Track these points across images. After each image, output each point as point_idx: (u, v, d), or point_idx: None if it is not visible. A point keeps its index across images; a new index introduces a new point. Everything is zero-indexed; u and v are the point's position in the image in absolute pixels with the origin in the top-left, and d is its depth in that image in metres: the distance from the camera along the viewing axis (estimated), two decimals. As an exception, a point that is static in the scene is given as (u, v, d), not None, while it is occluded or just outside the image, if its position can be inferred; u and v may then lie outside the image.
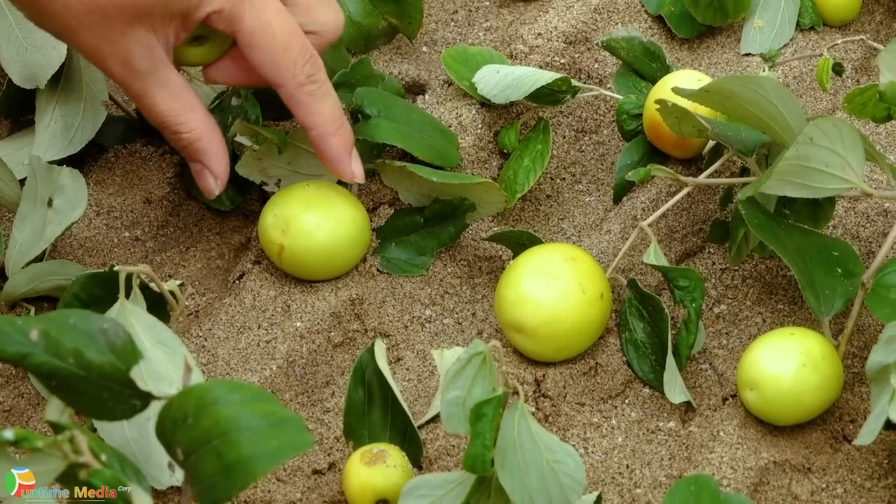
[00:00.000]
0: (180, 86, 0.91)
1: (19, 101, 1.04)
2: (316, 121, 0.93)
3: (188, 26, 0.89)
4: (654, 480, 0.89)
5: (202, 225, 1.06)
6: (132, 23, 0.87)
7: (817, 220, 0.96)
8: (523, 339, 0.93)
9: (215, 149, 0.93)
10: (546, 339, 0.92)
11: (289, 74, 0.91)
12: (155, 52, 0.89)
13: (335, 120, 0.94)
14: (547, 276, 0.92)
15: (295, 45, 0.91)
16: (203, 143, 0.92)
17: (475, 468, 0.76)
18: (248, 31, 0.89)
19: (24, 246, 0.94)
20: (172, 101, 0.91)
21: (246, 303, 0.98)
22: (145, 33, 0.87)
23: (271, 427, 0.65)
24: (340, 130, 0.94)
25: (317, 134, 0.94)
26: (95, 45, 0.88)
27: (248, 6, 0.89)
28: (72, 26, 0.87)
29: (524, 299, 0.92)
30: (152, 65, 0.89)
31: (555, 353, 0.93)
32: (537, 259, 0.94)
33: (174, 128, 0.91)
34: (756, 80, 0.88)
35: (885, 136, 1.08)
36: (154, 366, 0.85)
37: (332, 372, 0.96)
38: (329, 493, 0.89)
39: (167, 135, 0.93)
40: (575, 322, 0.92)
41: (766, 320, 0.97)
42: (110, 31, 0.87)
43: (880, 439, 0.88)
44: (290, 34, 0.91)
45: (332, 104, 0.94)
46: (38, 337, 0.69)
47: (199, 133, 0.92)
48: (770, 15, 1.16)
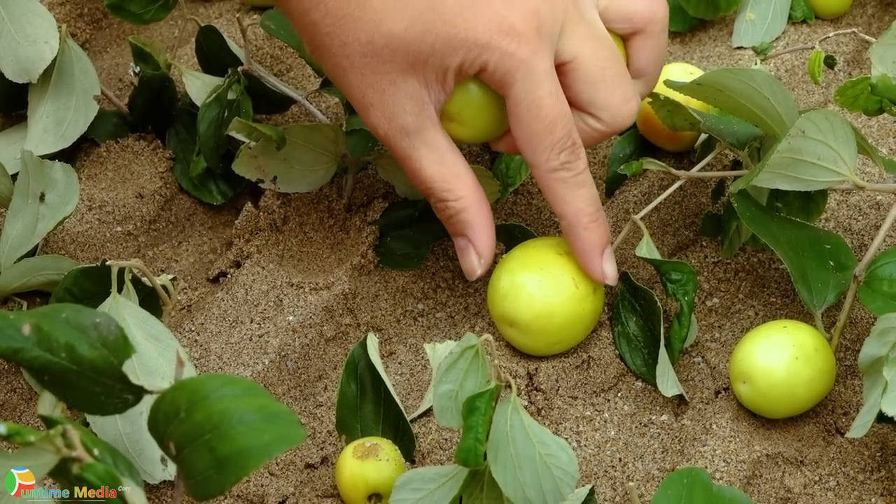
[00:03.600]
0: (448, 149, 0.87)
1: (11, 96, 1.04)
2: (566, 210, 0.88)
3: (460, 80, 0.85)
4: (647, 473, 0.89)
5: (194, 219, 1.06)
6: (405, 72, 0.83)
7: (809, 212, 0.96)
8: (516, 333, 0.93)
9: (483, 222, 0.89)
10: (539, 334, 0.92)
11: (542, 158, 0.86)
12: (425, 109, 0.85)
13: (588, 213, 0.89)
14: (540, 271, 0.92)
15: (558, 129, 0.86)
16: (470, 215, 0.88)
17: (468, 462, 0.76)
18: (515, 101, 0.85)
19: (16, 241, 0.94)
20: (440, 165, 0.87)
21: (238, 297, 0.97)
22: (417, 87, 0.84)
23: (264, 421, 0.64)
24: (594, 224, 0.89)
25: (567, 224, 0.89)
26: (363, 91, 0.85)
27: (521, 76, 0.84)
28: (343, 66, 0.84)
29: (517, 293, 0.92)
30: (420, 123, 0.85)
31: (547, 347, 0.93)
32: (530, 253, 0.93)
33: (440, 195, 0.87)
34: (748, 73, 0.88)
35: (877, 128, 1.08)
36: (146, 360, 0.85)
37: (324, 366, 0.96)
38: (322, 487, 0.89)
39: (432, 202, 0.89)
40: (568, 316, 0.92)
41: (758, 313, 0.97)
42: (381, 78, 0.84)
43: (873, 432, 0.88)
44: (556, 117, 0.85)
45: (587, 195, 0.88)
46: (31, 331, 0.69)
47: (466, 203, 0.88)
48: (762, 8, 1.16)
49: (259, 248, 1.00)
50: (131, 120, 1.08)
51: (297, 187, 1.01)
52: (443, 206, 0.88)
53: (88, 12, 1.19)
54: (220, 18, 1.20)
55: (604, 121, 0.88)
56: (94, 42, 1.19)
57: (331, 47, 0.84)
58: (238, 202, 1.06)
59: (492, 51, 0.83)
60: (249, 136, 0.98)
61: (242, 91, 1.03)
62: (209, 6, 1.22)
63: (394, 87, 0.84)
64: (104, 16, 1.20)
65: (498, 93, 0.86)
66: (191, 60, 1.13)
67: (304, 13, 0.85)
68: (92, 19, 1.20)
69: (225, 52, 1.07)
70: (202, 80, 1.06)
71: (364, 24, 0.83)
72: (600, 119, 0.88)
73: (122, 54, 1.18)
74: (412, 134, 0.86)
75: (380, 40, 0.83)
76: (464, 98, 0.87)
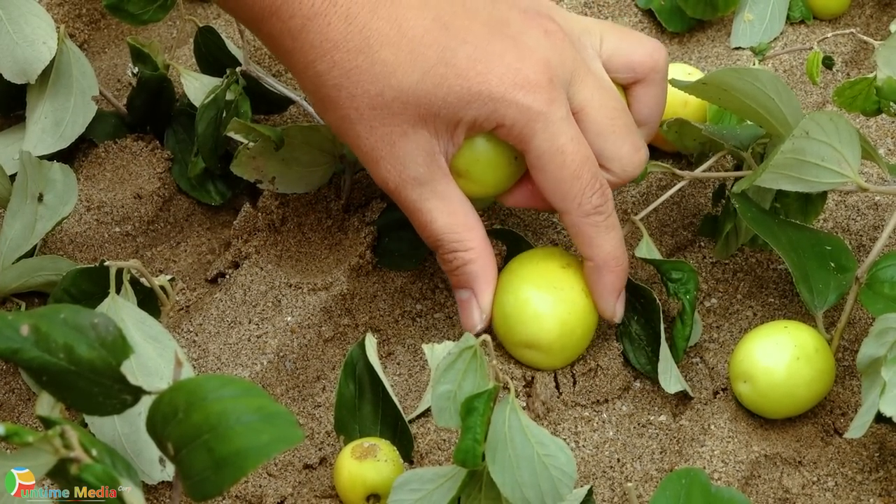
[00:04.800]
0: (459, 200, 0.86)
1: (10, 97, 1.04)
2: (596, 254, 0.88)
3: (471, 134, 0.85)
4: (646, 474, 0.89)
5: (192, 220, 1.06)
6: (416, 125, 0.83)
7: (807, 213, 0.96)
8: (536, 354, 0.91)
9: (490, 277, 0.88)
10: (561, 352, 0.91)
11: (574, 204, 0.86)
12: (435, 160, 0.84)
13: (616, 257, 0.89)
14: (554, 289, 0.90)
15: (586, 174, 0.85)
16: (478, 267, 0.88)
17: (466, 462, 0.76)
18: (537, 154, 0.84)
19: (15, 241, 0.94)
20: (451, 217, 0.86)
21: (237, 298, 0.97)
22: (428, 138, 0.84)
23: (262, 421, 0.64)
24: (619, 268, 0.89)
25: (594, 266, 0.89)
26: (372, 143, 0.84)
27: (540, 127, 0.83)
28: (351, 118, 0.84)
29: (534, 316, 0.90)
30: (431, 174, 0.85)
31: (565, 361, 0.93)
32: (537, 271, 0.91)
33: (451, 246, 0.87)
34: (754, 72, 0.88)
35: (876, 129, 1.08)
36: (144, 361, 0.85)
37: (322, 367, 0.96)
38: (320, 488, 0.89)
39: (441, 254, 0.88)
40: (586, 329, 0.91)
41: (756, 314, 0.97)
42: (391, 131, 0.83)
43: (871, 432, 0.88)
44: (581, 162, 0.85)
45: (616, 238, 0.89)
46: (29, 332, 0.69)
47: (476, 255, 0.87)
48: (760, 8, 1.16)
49: (257, 248, 1.00)
50: (130, 120, 1.08)
51: (296, 188, 1.01)
52: (452, 256, 0.88)
53: (87, 13, 1.19)
54: (218, 19, 1.20)
55: (614, 172, 0.88)
56: (92, 42, 1.19)
57: (338, 99, 0.84)
58: (236, 203, 1.06)
59: (507, 104, 0.83)
60: (248, 136, 0.98)
61: (241, 92, 1.03)
62: (207, 6, 1.22)
63: (404, 140, 0.84)
64: (102, 16, 1.20)
65: (516, 147, 0.85)
66: (189, 61, 1.13)
67: (309, 65, 0.84)
68: (90, 20, 1.19)
69: (223, 52, 1.07)
70: (200, 81, 1.06)
71: (373, 76, 0.83)
72: (610, 170, 0.88)
73: (120, 55, 1.18)
74: (422, 185, 0.85)
75: (390, 93, 0.82)
76: (472, 153, 0.87)
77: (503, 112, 0.83)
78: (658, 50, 0.91)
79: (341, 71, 0.83)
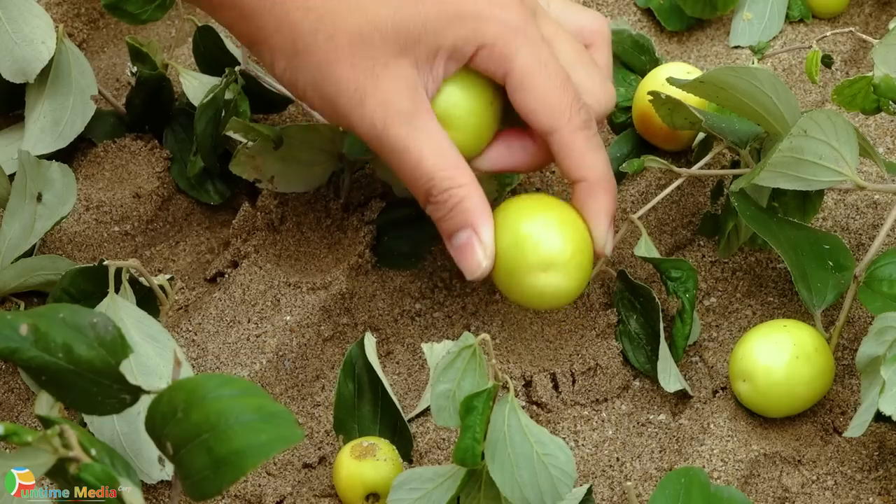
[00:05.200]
0: (445, 138, 0.83)
1: (9, 96, 1.04)
2: (590, 173, 0.85)
3: (451, 67, 0.83)
4: (645, 473, 0.89)
5: (191, 219, 1.06)
6: (397, 55, 0.81)
7: (805, 212, 0.96)
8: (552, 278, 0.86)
9: (487, 210, 0.84)
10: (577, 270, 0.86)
11: (565, 118, 0.84)
12: (419, 94, 0.82)
13: (609, 177, 0.86)
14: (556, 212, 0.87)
15: (570, 87, 0.84)
16: (474, 203, 0.83)
17: (465, 461, 0.76)
18: (521, 71, 0.83)
19: (14, 241, 0.94)
20: (440, 154, 0.83)
21: (235, 297, 0.97)
22: (409, 69, 0.82)
23: (261, 421, 0.65)
24: (612, 189, 0.86)
25: (587, 185, 0.85)
26: (355, 80, 0.82)
27: (521, 41, 0.82)
28: (330, 61, 0.82)
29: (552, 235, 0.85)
30: (416, 108, 0.82)
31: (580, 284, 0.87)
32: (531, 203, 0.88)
33: (445, 184, 0.83)
34: (751, 71, 0.88)
35: (875, 128, 1.08)
36: (144, 360, 0.85)
37: (322, 366, 0.96)
38: (319, 487, 0.89)
39: (434, 194, 0.84)
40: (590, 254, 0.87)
41: (755, 313, 0.97)
42: (373, 63, 0.81)
43: (870, 431, 0.88)
44: (565, 76, 0.83)
45: (606, 158, 0.86)
46: (28, 331, 0.69)
47: (470, 190, 0.83)
48: (759, 7, 1.16)
49: (256, 247, 1.00)
50: (128, 120, 1.08)
51: (295, 187, 1.01)
52: (447, 195, 0.84)
53: (85, 12, 1.19)
54: (217, 18, 1.20)
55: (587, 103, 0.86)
56: (91, 42, 1.19)
57: (315, 44, 0.83)
58: (235, 202, 1.06)
59: (487, 21, 0.83)
60: (247, 135, 0.98)
61: (239, 91, 1.03)
62: (206, 6, 1.22)
63: (387, 71, 0.82)
64: (101, 16, 1.20)
65: (496, 74, 0.84)
66: (188, 60, 1.13)
67: (286, 14, 0.83)
68: (89, 19, 1.19)
69: (222, 51, 1.07)
70: (199, 80, 1.06)
71: (349, 14, 0.82)
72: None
73: (119, 54, 1.18)
74: (410, 121, 0.82)
75: (368, 27, 0.82)
76: (451, 97, 0.86)
77: (484, 29, 0.83)
78: (600, 17, 0.92)
79: (316, 15, 0.83)
